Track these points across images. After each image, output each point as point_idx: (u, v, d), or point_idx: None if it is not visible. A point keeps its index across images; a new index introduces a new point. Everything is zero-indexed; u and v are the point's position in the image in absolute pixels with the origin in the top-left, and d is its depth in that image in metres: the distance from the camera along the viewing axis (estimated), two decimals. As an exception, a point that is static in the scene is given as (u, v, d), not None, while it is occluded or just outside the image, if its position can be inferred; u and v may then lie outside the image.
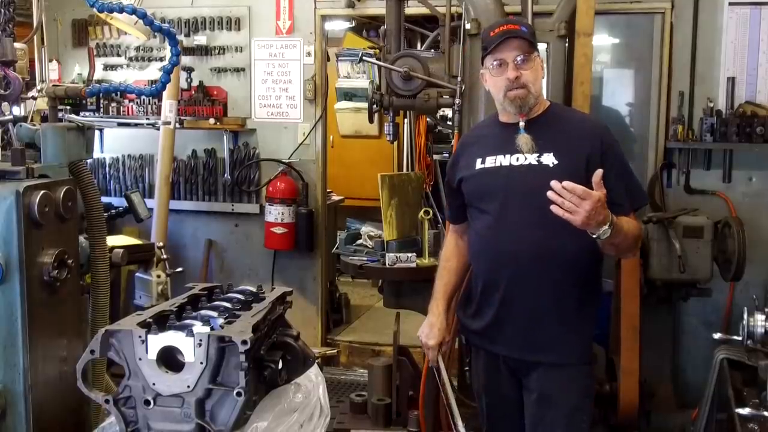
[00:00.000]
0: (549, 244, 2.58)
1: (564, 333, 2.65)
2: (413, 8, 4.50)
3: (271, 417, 1.88)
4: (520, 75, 2.62)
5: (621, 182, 2.60)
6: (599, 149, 2.60)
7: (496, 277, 2.71)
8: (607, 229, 2.36)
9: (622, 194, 2.58)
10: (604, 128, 2.73)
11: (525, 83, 2.63)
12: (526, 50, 2.63)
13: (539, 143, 2.63)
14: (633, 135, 5.49)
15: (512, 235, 2.64)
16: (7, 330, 2.10)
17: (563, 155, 2.60)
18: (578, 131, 2.67)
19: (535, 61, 2.66)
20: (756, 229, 4.71)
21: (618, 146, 2.70)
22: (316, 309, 5.79)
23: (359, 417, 4.06)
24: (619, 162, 2.65)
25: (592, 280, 2.72)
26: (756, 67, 4.78)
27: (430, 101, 3.75)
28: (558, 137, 2.64)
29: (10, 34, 2.79)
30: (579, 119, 2.81)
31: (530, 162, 2.62)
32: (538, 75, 2.68)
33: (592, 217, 2.30)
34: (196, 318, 1.90)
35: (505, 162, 2.67)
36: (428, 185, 7.05)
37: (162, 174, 5.53)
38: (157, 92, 2.99)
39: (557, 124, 2.70)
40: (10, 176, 2.23)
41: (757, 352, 2.94)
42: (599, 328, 4.60)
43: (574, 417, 2.67)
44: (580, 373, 2.70)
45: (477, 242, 2.80)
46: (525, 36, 2.64)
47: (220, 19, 5.74)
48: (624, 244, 2.52)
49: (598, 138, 2.63)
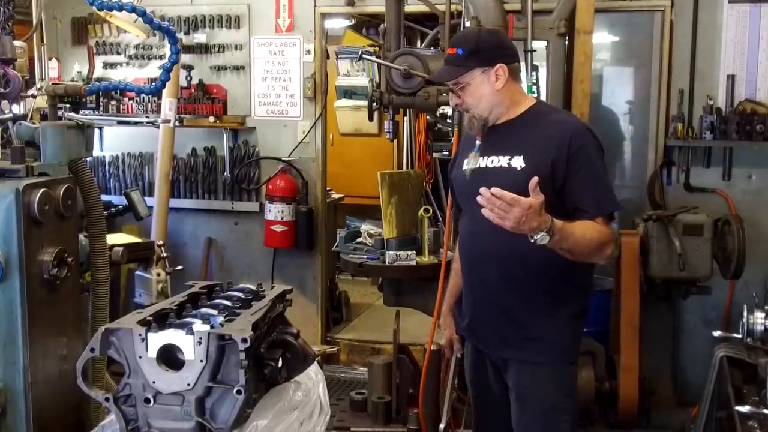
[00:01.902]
0: (513, 246, 2.55)
1: (537, 332, 2.65)
2: (413, 6, 4.49)
3: (271, 415, 1.88)
4: (462, 102, 2.70)
5: (587, 188, 2.57)
6: (566, 153, 2.56)
7: (472, 275, 2.79)
8: (544, 235, 2.32)
9: (587, 200, 2.55)
10: (576, 131, 2.66)
11: (467, 108, 2.70)
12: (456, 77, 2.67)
13: (511, 146, 2.64)
14: (633, 133, 5.50)
15: (481, 237, 2.69)
16: (7, 328, 2.10)
17: (531, 158, 2.59)
18: (548, 135, 2.64)
19: (472, 83, 2.66)
20: (756, 226, 4.71)
21: (590, 150, 2.62)
22: (316, 307, 5.79)
23: (359, 415, 4.07)
24: (586, 167, 2.59)
25: (570, 280, 2.67)
26: (756, 65, 4.78)
27: (429, 99, 3.75)
28: (529, 140, 2.64)
29: (10, 33, 2.78)
30: (553, 122, 2.73)
31: (501, 165, 2.64)
32: (480, 95, 2.67)
33: (523, 223, 2.28)
34: (196, 316, 1.90)
35: (482, 164, 2.70)
36: (428, 183, 7.05)
37: (162, 172, 5.53)
38: (157, 90, 2.99)
39: (532, 126, 2.69)
40: (9, 174, 2.23)
41: (756, 349, 2.95)
42: (599, 326, 4.65)
43: (552, 416, 2.67)
44: (558, 373, 2.68)
45: (459, 241, 2.88)
46: (456, 62, 2.68)
47: (219, 17, 5.74)
48: (577, 249, 2.47)
49: (566, 141, 2.58)
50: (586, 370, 4.12)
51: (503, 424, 2.78)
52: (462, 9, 3.74)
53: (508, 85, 2.68)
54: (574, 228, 2.44)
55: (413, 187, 4.20)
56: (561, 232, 2.37)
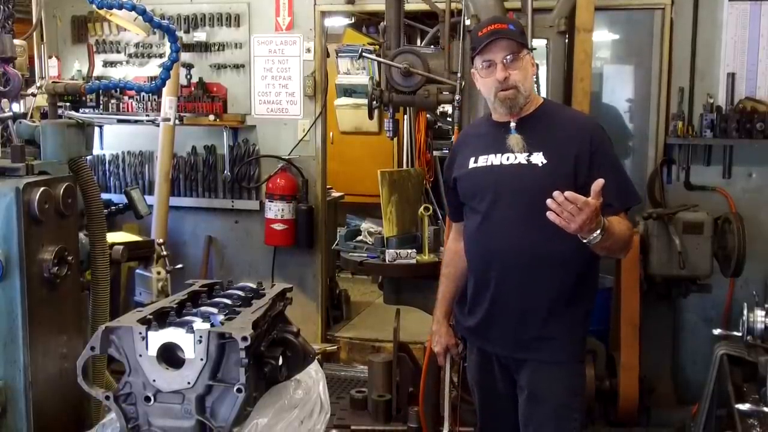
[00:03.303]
0: (537, 244, 2.58)
1: (554, 331, 2.65)
2: (413, 4, 4.49)
3: (271, 413, 1.88)
4: (509, 75, 2.62)
5: (611, 182, 2.56)
6: (588, 149, 2.59)
7: (485, 276, 2.73)
8: (598, 234, 2.38)
9: (612, 194, 2.55)
10: (594, 127, 2.71)
11: (514, 83, 2.63)
12: (515, 50, 2.61)
13: (529, 142, 2.62)
14: (633, 131, 5.50)
15: (501, 234, 2.66)
16: (7, 327, 2.10)
17: (552, 155, 2.59)
18: (568, 130, 2.65)
19: (524, 60, 2.64)
20: (756, 225, 4.71)
21: (609, 145, 2.67)
22: (316, 305, 5.79)
23: (359, 413, 4.07)
24: (609, 161, 2.63)
25: (585, 279, 2.70)
26: (756, 63, 4.78)
27: (429, 97, 3.75)
28: (548, 136, 2.64)
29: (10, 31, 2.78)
30: (570, 118, 2.78)
31: (520, 161, 2.62)
32: (527, 74, 2.66)
33: (586, 225, 2.33)
34: (197, 314, 1.91)
35: (496, 161, 2.68)
36: (428, 181, 7.04)
37: (162, 171, 5.53)
38: (157, 89, 2.99)
39: (548, 122, 2.69)
40: (10, 173, 2.23)
41: (757, 347, 2.94)
42: (599, 324, 4.65)
43: (564, 415, 2.67)
44: (570, 371, 2.70)
45: (469, 241, 2.82)
46: (513, 35, 2.63)
47: (219, 15, 5.73)
48: (615, 246, 2.53)
49: (587, 137, 2.61)
50: (587, 368, 4.12)
51: (509, 423, 2.78)
52: (462, 7, 3.73)
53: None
54: (613, 225, 2.47)
55: (413, 186, 4.20)
56: (608, 230, 2.42)
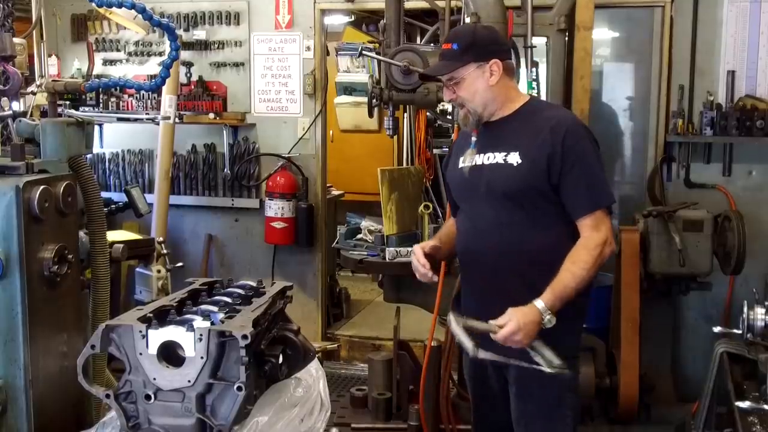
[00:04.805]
0: (511, 242, 2.61)
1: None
2: (413, 2, 4.50)
3: (271, 411, 1.88)
4: (456, 97, 2.69)
5: (580, 183, 2.58)
6: (560, 149, 2.58)
7: (469, 274, 2.79)
8: (550, 318, 2.46)
9: (580, 196, 2.57)
10: (569, 126, 2.66)
11: (461, 102, 2.70)
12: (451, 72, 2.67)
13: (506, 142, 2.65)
14: (633, 129, 5.50)
15: (479, 234, 2.70)
16: (7, 325, 2.10)
17: (527, 154, 2.61)
18: (543, 130, 2.64)
19: (467, 78, 2.66)
20: (756, 222, 4.71)
21: (585, 145, 2.63)
22: (317, 303, 5.79)
23: (360, 411, 4.08)
24: (580, 162, 2.60)
25: None
26: (756, 61, 4.78)
27: (429, 95, 3.75)
28: (525, 136, 2.65)
29: (9, 29, 2.78)
30: (547, 118, 2.73)
31: (498, 161, 2.66)
32: (475, 90, 2.67)
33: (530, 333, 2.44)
34: (197, 313, 1.90)
35: (479, 161, 2.72)
36: (428, 179, 7.03)
37: (162, 169, 5.53)
38: (157, 87, 2.99)
39: (527, 122, 2.70)
40: (9, 171, 2.22)
41: (757, 345, 2.94)
42: (599, 321, 4.65)
43: (554, 411, 2.69)
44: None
45: (457, 240, 2.87)
46: (451, 57, 2.68)
47: (219, 13, 5.73)
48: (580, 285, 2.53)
49: (560, 137, 2.59)
50: (587, 365, 4.13)
51: (502, 419, 2.79)
52: (462, 5, 3.73)
53: (502, 81, 2.69)
54: (564, 278, 2.50)
55: (413, 184, 4.20)
56: (557, 299, 2.47)
